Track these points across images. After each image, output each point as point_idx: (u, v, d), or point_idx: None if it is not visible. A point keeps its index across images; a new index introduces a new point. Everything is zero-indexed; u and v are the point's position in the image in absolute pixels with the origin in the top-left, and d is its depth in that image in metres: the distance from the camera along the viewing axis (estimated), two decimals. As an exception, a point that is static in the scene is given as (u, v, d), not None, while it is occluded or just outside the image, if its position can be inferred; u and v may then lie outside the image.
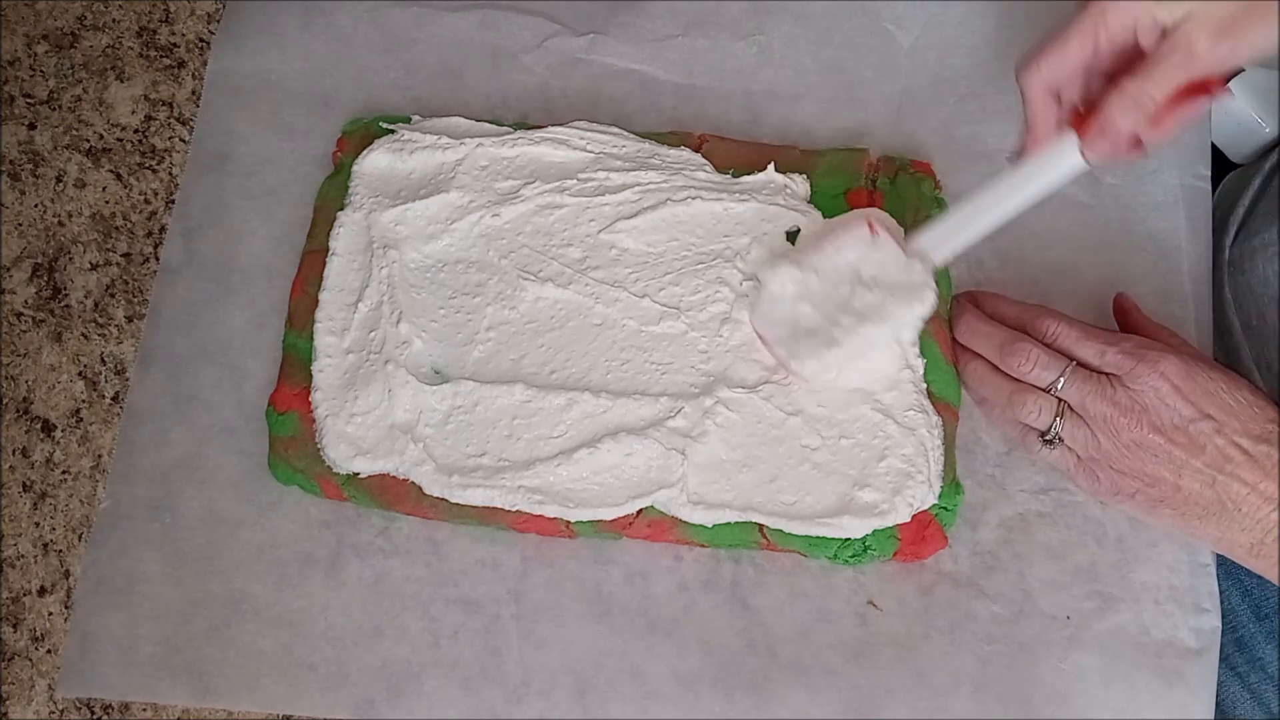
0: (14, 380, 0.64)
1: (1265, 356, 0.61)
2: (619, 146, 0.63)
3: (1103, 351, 0.55)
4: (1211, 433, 0.52)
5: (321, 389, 0.58)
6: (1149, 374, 0.53)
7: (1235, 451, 0.52)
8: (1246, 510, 0.52)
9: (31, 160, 0.68)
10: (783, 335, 0.57)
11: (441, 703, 0.56)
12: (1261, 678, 0.62)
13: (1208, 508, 0.53)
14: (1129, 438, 0.53)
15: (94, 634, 0.57)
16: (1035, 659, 0.56)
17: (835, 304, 0.57)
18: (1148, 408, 0.53)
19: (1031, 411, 0.55)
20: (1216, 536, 0.54)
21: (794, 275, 0.57)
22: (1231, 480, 0.52)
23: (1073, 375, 0.54)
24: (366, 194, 0.62)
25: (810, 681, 0.56)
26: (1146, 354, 0.54)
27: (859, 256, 0.56)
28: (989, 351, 0.57)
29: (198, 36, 0.71)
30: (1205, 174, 0.65)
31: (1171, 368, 0.53)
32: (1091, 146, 0.52)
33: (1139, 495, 0.54)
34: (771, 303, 0.58)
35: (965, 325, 0.59)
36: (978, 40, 0.68)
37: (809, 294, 0.57)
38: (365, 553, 0.58)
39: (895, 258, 0.56)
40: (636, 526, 0.56)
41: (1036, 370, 0.55)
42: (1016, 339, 0.56)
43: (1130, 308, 0.60)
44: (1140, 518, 0.57)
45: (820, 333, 0.57)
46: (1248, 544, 0.53)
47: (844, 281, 0.56)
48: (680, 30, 0.69)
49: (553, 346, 0.59)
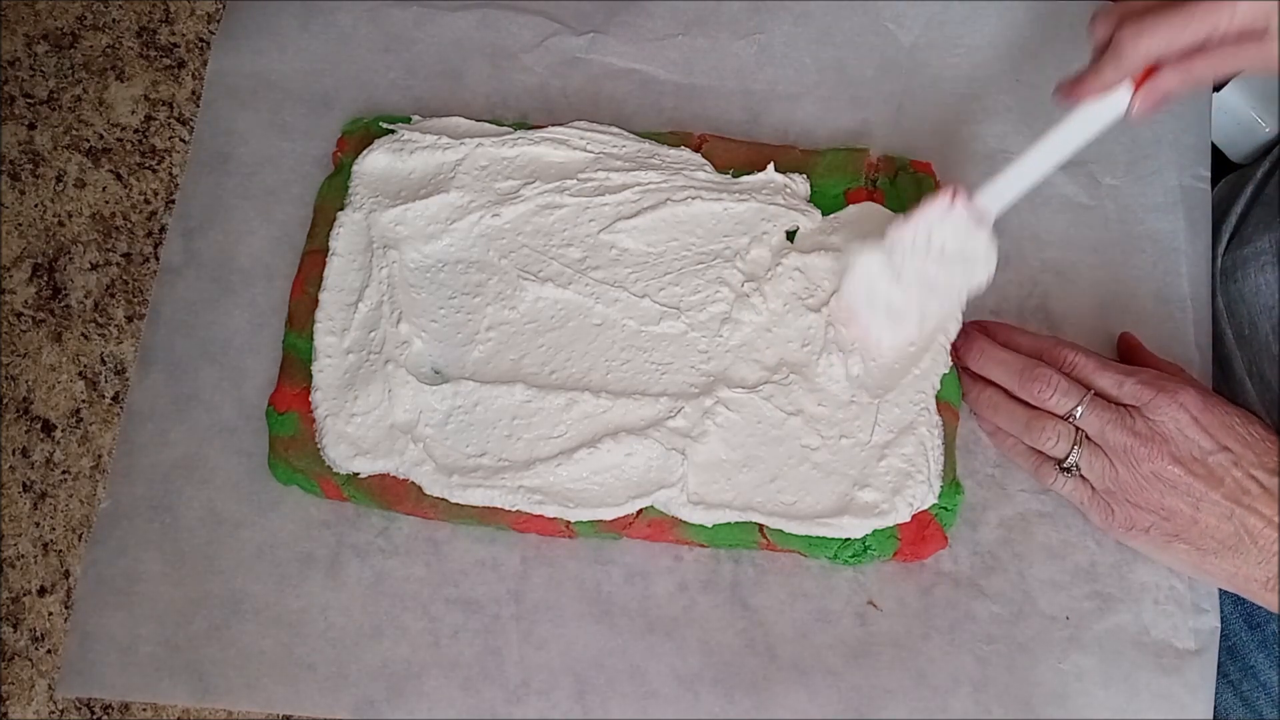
0: (14, 380, 0.64)
1: (1258, 367, 0.61)
2: (619, 146, 0.63)
3: (1121, 382, 0.54)
4: (1230, 465, 0.52)
5: (321, 389, 0.58)
6: (1169, 404, 0.53)
7: (1252, 485, 0.52)
8: (1263, 544, 0.52)
9: (31, 160, 0.68)
10: (868, 311, 0.58)
11: (441, 703, 0.56)
12: (1254, 685, 0.62)
13: (1224, 541, 0.53)
14: (1149, 469, 0.53)
15: (94, 634, 0.57)
16: (1035, 659, 0.56)
17: (916, 281, 0.57)
18: (1168, 438, 0.53)
19: (1049, 438, 0.55)
20: (1231, 572, 0.53)
21: (880, 252, 0.57)
22: (1249, 514, 0.52)
23: (1092, 404, 0.54)
24: (366, 194, 0.62)
25: (810, 681, 0.56)
26: (1165, 384, 0.53)
27: (934, 228, 0.56)
28: (1005, 379, 0.57)
29: (198, 36, 0.71)
30: (1205, 175, 0.65)
31: (1190, 399, 0.53)
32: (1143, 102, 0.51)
33: (1154, 530, 0.54)
34: (861, 280, 0.57)
35: (979, 353, 0.58)
36: (978, 40, 0.68)
37: (895, 270, 0.57)
38: (365, 553, 0.58)
39: (965, 227, 0.56)
40: (636, 526, 0.56)
41: (1056, 397, 0.55)
42: (1037, 365, 0.56)
43: (1136, 345, 0.60)
44: (1152, 554, 0.56)
45: (905, 311, 0.57)
46: (1263, 578, 0.53)
47: (922, 257, 0.56)
48: (680, 29, 0.69)
49: (553, 346, 0.59)
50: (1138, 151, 0.65)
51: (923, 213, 0.56)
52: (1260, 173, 0.66)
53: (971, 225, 0.55)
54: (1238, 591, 0.55)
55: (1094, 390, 0.55)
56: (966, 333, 0.59)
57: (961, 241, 0.56)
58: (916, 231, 0.56)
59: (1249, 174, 0.67)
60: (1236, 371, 0.62)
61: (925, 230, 0.56)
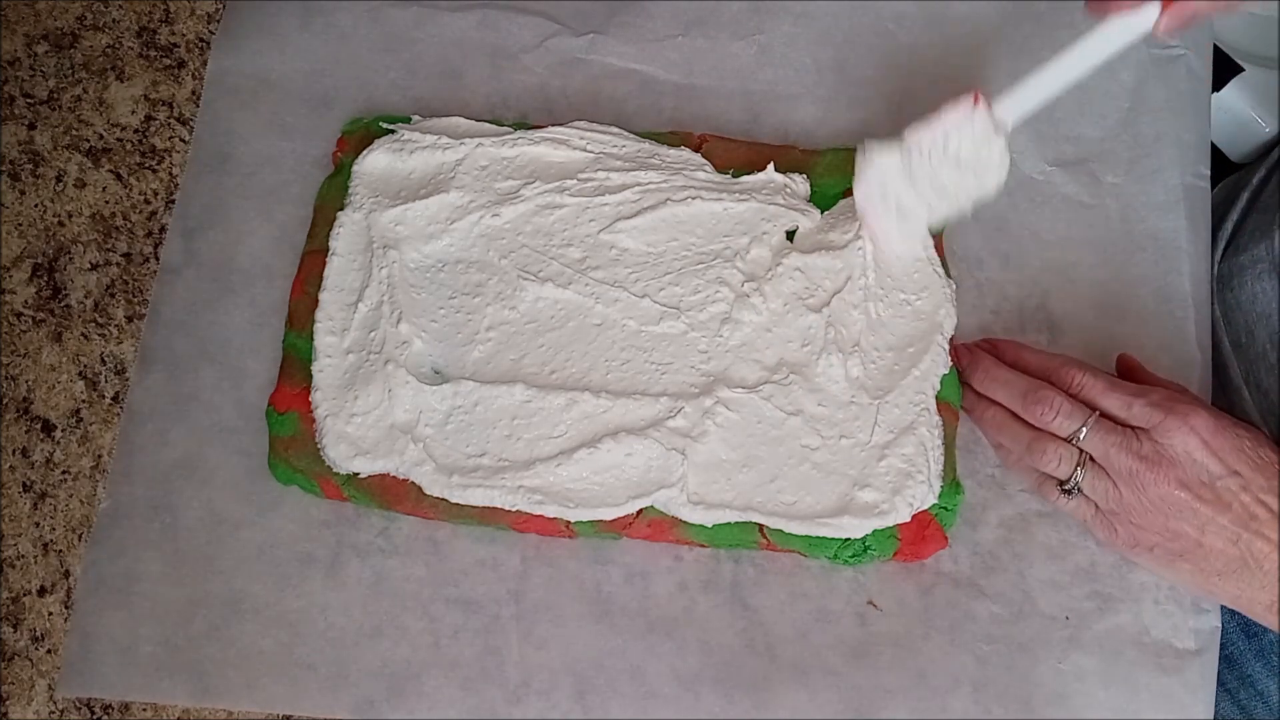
0: (14, 380, 0.64)
1: (1255, 375, 0.60)
2: (619, 146, 0.63)
3: (1129, 404, 0.54)
4: (1238, 490, 0.52)
5: (321, 389, 0.58)
6: (1179, 428, 0.52)
7: (1261, 509, 0.52)
8: (1268, 568, 0.52)
9: (31, 160, 0.68)
10: (880, 209, 0.58)
11: (441, 703, 0.56)
12: (1251, 694, 0.62)
13: (1229, 564, 0.52)
14: (1155, 493, 0.52)
15: (94, 634, 0.57)
16: (1035, 659, 0.56)
17: (928, 184, 0.57)
18: (1176, 462, 0.52)
19: (1051, 461, 0.55)
20: (1235, 594, 0.53)
21: (897, 153, 0.57)
22: (1256, 538, 0.52)
23: (1096, 426, 0.54)
24: (366, 194, 0.62)
25: (810, 681, 0.56)
26: (1176, 407, 0.53)
27: (954, 131, 0.56)
28: (1010, 399, 0.56)
29: (198, 36, 0.71)
30: (1206, 173, 0.65)
31: (1201, 422, 0.52)
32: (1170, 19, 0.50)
33: (1157, 549, 0.54)
34: (875, 180, 0.58)
35: (984, 372, 0.58)
36: (978, 40, 0.68)
37: (910, 172, 0.57)
38: (365, 553, 0.58)
39: (983, 133, 0.56)
40: (636, 526, 0.56)
41: (1059, 419, 0.54)
42: (1040, 387, 0.55)
43: (1135, 365, 0.59)
44: (1155, 571, 0.56)
45: (915, 212, 0.58)
46: (1267, 601, 0.52)
47: (937, 161, 0.57)
48: (680, 30, 0.69)
49: (553, 346, 0.59)
50: (1139, 150, 0.65)
51: (943, 117, 0.56)
52: (1256, 179, 0.66)
53: (989, 132, 0.55)
54: (1241, 611, 0.54)
55: (1100, 411, 0.54)
56: (972, 351, 0.59)
57: (977, 148, 0.56)
58: (935, 136, 0.56)
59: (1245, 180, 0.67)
60: (1233, 380, 0.62)
61: (943, 135, 0.56)
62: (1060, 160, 0.66)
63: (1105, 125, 0.66)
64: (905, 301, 0.60)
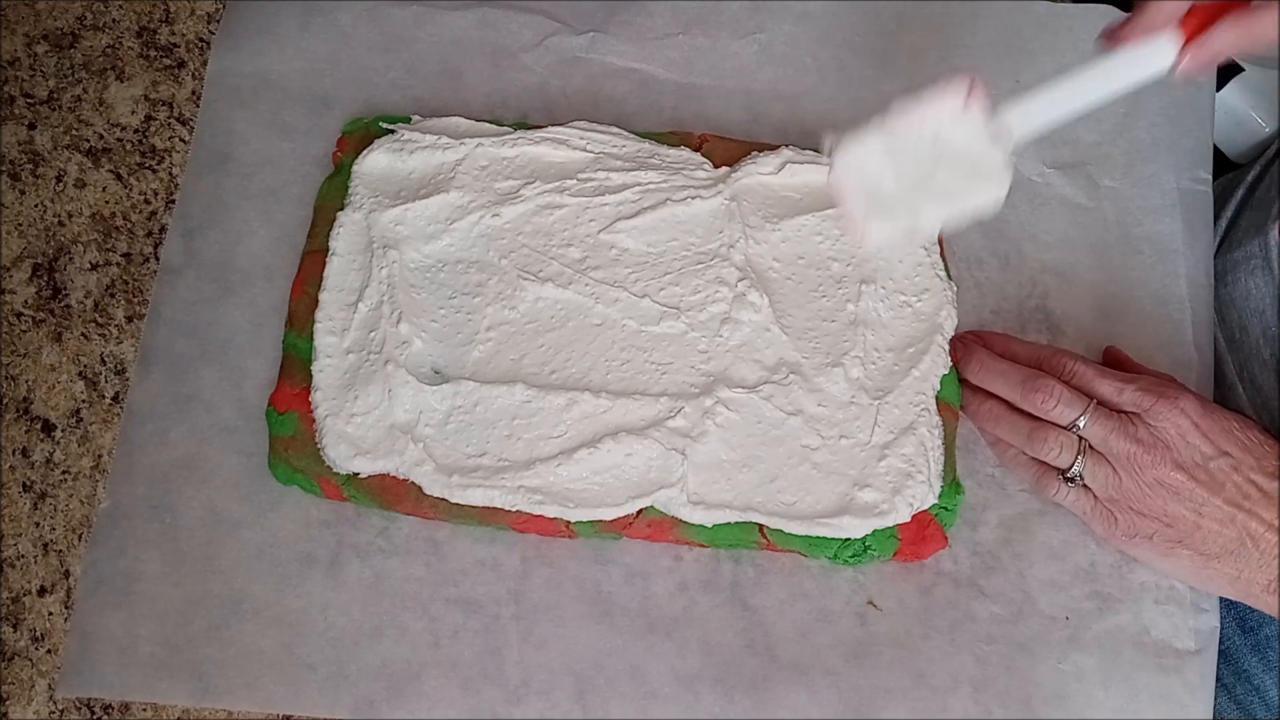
0: (14, 380, 0.64)
1: (1249, 371, 0.61)
2: (619, 146, 0.63)
3: (1121, 389, 0.54)
4: (1230, 470, 0.53)
5: (321, 389, 0.58)
6: (1170, 410, 0.53)
7: (1252, 489, 0.52)
8: (1264, 548, 0.52)
9: (31, 160, 0.68)
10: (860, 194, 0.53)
11: (441, 703, 0.56)
12: (1248, 689, 0.62)
13: (1226, 545, 0.53)
14: (1152, 476, 0.53)
15: (94, 634, 0.57)
16: (1034, 659, 0.56)
17: (914, 178, 0.52)
18: (1170, 444, 0.53)
19: (1052, 449, 0.55)
20: (1234, 575, 0.54)
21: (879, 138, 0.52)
22: (1250, 518, 0.52)
23: (1095, 413, 0.54)
24: (366, 194, 0.62)
25: (810, 681, 0.56)
26: (1165, 390, 0.54)
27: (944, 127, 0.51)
28: (1006, 390, 0.56)
29: (198, 36, 0.71)
30: (1204, 177, 0.65)
31: (1190, 405, 0.53)
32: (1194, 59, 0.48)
33: (1156, 537, 0.54)
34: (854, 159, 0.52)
35: (979, 365, 0.58)
36: (978, 40, 0.68)
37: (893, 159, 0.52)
38: (365, 553, 0.58)
39: (978, 136, 0.51)
40: (636, 526, 0.57)
41: (1060, 407, 0.55)
42: (1038, 376, 0.55)
43: (1123, 357, 0.60)
44: (1154, 563, 0.56)
45: (894, 205, 0.52)
46: (1264, 581, 0.53)
47: (925, 155, 0.52)
48: (680, 29, 0.69)
49: (553, 346, 0.59)
50: (1136, 154, 0.66)
51: (932, 104, 0.51)
52: (1250, 176, 0.66)
53: (987, 136, 0.51)
54: (1239, 596, 0.55)
55: (1095, 399, 0.55)
56: (964, 344, 0.59)
57: (972, 151, 0.51)
58: (922, 123, 0.51)
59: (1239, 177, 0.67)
60: (1228, 375, 0.62)
61: (932, 125, 0.51)
62: (1058, 163, 0.66)
63: (1102, 129, 0.66)
64: (906, 303, 0.60)
